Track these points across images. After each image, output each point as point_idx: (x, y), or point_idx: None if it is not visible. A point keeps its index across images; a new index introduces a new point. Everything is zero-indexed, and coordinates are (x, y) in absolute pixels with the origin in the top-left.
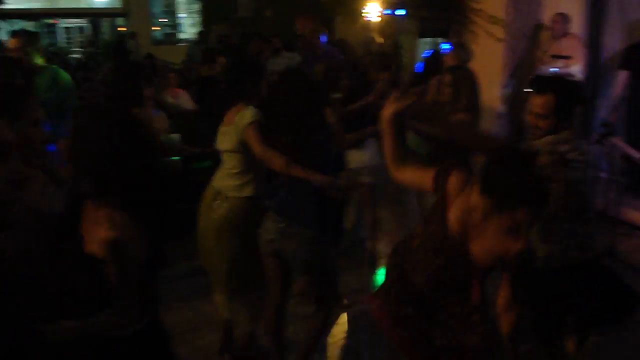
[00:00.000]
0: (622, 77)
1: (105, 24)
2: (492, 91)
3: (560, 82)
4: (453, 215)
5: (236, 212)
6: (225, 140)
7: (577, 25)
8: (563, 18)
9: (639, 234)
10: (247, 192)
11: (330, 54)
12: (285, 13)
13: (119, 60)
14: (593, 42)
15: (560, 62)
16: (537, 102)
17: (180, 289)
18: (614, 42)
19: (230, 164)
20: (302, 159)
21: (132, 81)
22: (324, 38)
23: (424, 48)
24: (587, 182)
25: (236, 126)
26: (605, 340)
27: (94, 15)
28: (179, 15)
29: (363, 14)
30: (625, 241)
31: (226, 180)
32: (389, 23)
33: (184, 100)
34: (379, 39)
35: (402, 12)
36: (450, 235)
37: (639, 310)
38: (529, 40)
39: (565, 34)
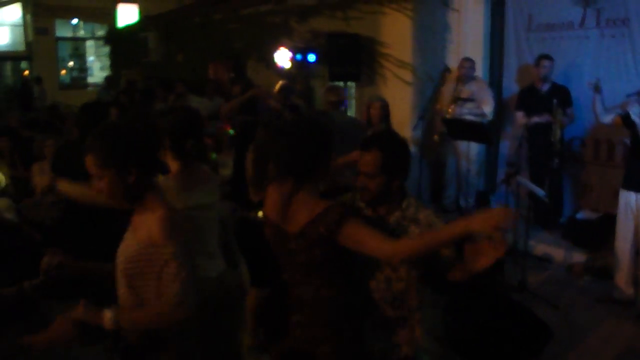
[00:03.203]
0: (518, 117)
1: (7, 67)
2: (402, 133)
3: (388, 138)
4: None
5: None
6: None
7: (480, 69)
8: (470, 63)
9: (548, 266)
10: None
11: None
12: (196, 58)
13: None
14: (494, 85)
15: (471, 104)
16: (365, 160)
17: None
18: (511, 85)
19: None
20: None
21: None
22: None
23: None
24: None
25: None
26: None
27: None
28: (88, 58)
29: (275, 60)
30: (534, 274)
31: None
32: (300, 68)
33: None
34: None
35: (312, 57)
36: None
37: (550, 343)
38: (436, 83)
39: (472, 78)
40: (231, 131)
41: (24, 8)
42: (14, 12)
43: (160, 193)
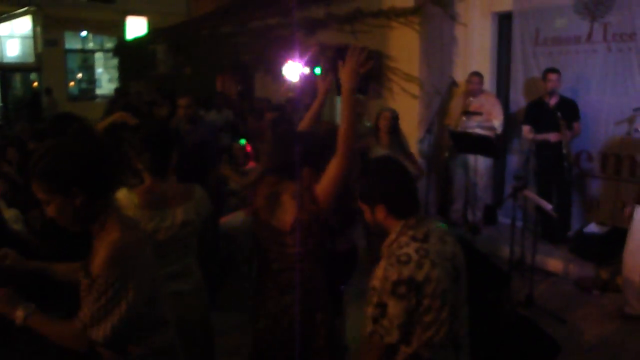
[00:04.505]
0: (525, 131)
1: (17, 78)
2: (409, 146)
3: (365, 169)
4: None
5: None
6: None
7: (487, 83)
8: (479, 77)
9: (555, 280)
10: None
11: None
12: (204, 71)
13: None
14: (501, 98)
15: (480, 117)
16: None
17: None
18: (518, 98)
19: None
20: None
21: None
22: None
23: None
24: None
25: None
26: None
27: (4, 69)
28: (97, 70)
29: (282, 73)
30: (542, 288)
31: None
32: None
33: None
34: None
35: (319, 70)
36: None
37: (558, 358)
38: (443, 96)
39: (482, 92)
40: (242, 141)
41: (34, 20)
42: (24, 24)
43: (118, 213)
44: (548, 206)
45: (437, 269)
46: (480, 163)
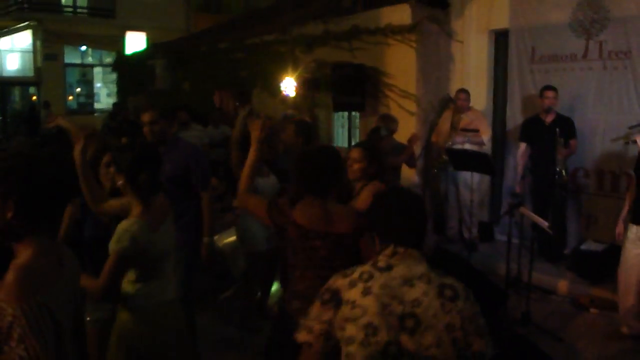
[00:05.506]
0: (521, 148)
1: (16, 92)
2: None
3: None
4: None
5: None
6: None
7: (484, 100)
8: (466, 94)
9: (552, 299)
10: None
11: None
12: (202, 86)
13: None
14: (497, 115)
15: (471, 133)
16: None
17: None
18: (515, 116)
19: None
20: None
21: None
22: None
23: (339, 121)
24: None
25: None
26: None
27: (3, 83)
28: (96, 85)
29: (280, 89)
30: (539, 306)
31: None
32: (305, 97)
33: None
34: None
35: (316, 86)
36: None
37: None
38: (438, 113)
39: (468, 108)
40: None
41: (34, 34)
42: (25, 39)
43: (41, 243)
44: (544, 223)
45: (369, 298)
46: (475, 179)
